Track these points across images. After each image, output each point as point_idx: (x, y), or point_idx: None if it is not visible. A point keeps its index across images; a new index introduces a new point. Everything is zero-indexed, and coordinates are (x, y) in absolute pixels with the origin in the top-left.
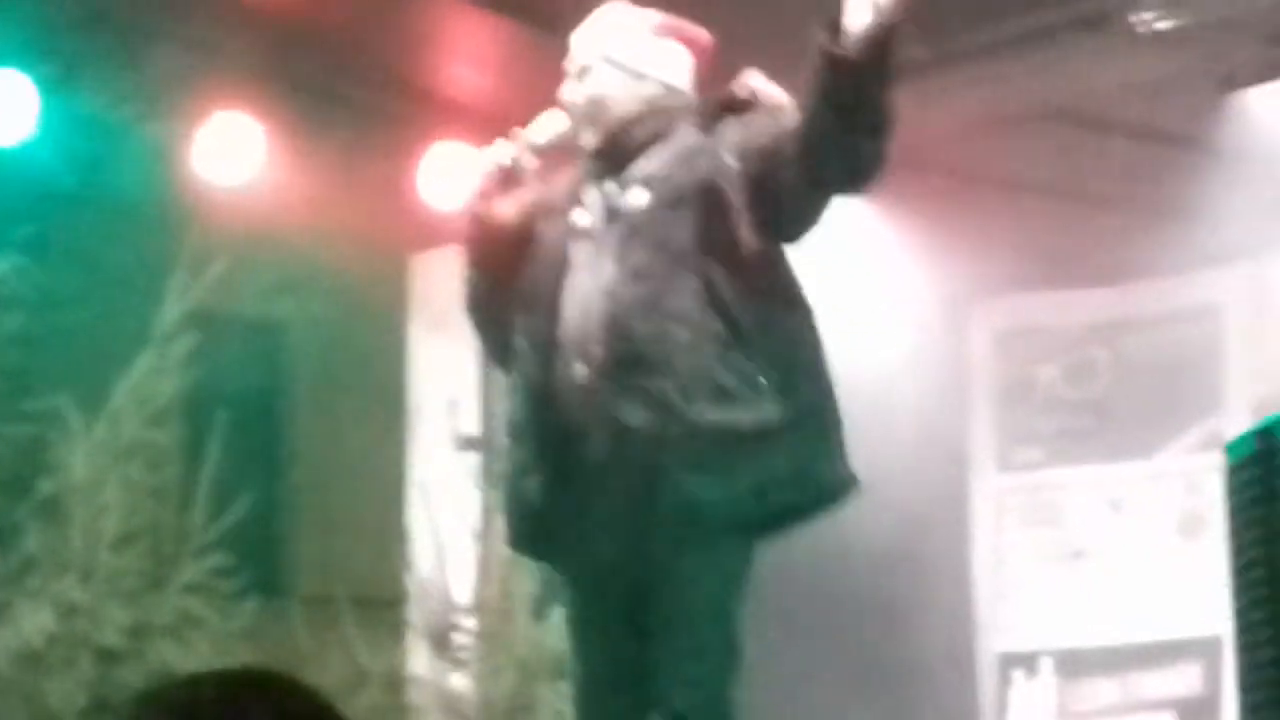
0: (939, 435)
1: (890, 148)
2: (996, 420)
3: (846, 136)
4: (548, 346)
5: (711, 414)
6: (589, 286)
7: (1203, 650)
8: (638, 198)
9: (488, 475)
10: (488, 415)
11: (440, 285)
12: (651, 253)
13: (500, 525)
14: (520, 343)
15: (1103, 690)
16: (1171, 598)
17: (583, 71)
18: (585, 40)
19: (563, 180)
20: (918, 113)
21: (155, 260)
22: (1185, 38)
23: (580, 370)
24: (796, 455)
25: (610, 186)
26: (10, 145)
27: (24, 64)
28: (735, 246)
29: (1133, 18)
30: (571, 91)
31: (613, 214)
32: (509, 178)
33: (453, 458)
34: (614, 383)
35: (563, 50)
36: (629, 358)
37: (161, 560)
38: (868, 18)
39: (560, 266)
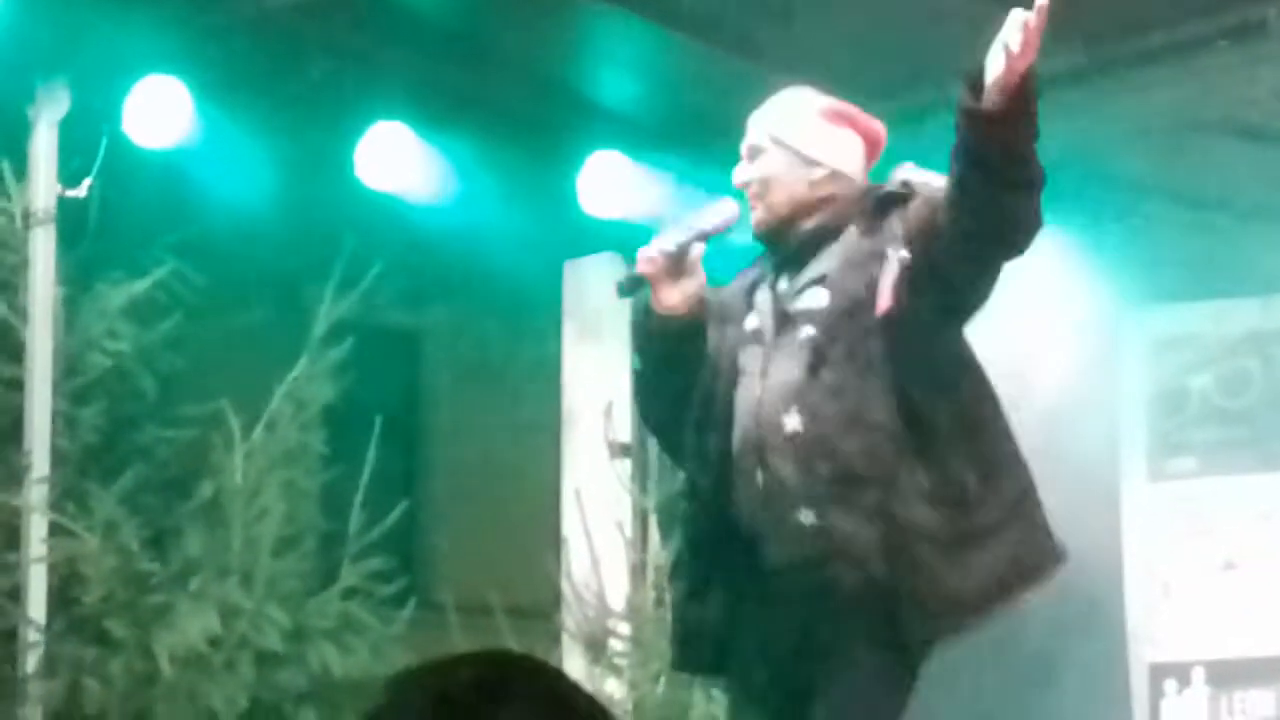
0: (1092, 444)
1: (1040, 201)
2: (1149, 429)
3: (996, 194)
4: (722, 458)
5: (931, 521)
6: (764, 393)
7: None
8: (816, 299)
9: (641, 481)
10: (640, 423)
11: (594, 291)
12: (841, 365)
13: (653, 530)
14: (692, 454)
15: (1256, 701)
16: None
17: (754, 152)
18: (759, 121)
19: (739, 288)
20: (1070, 121)
21: (312, 266)
22: None
23: (762, 479)
24: (1013, 546)
25: (783, 287)
26: (167, 148)
27: (180, 70)
28: (915, 344)
29: None
30: (743, 172)
31: (785, 317)
32: (677, 264)
33: (606, 464)
34: (822, 498)
35: (721, 62)
36: (839, 474)
37: (321, 564)
38: (1001, 66)
39: (732, 374)
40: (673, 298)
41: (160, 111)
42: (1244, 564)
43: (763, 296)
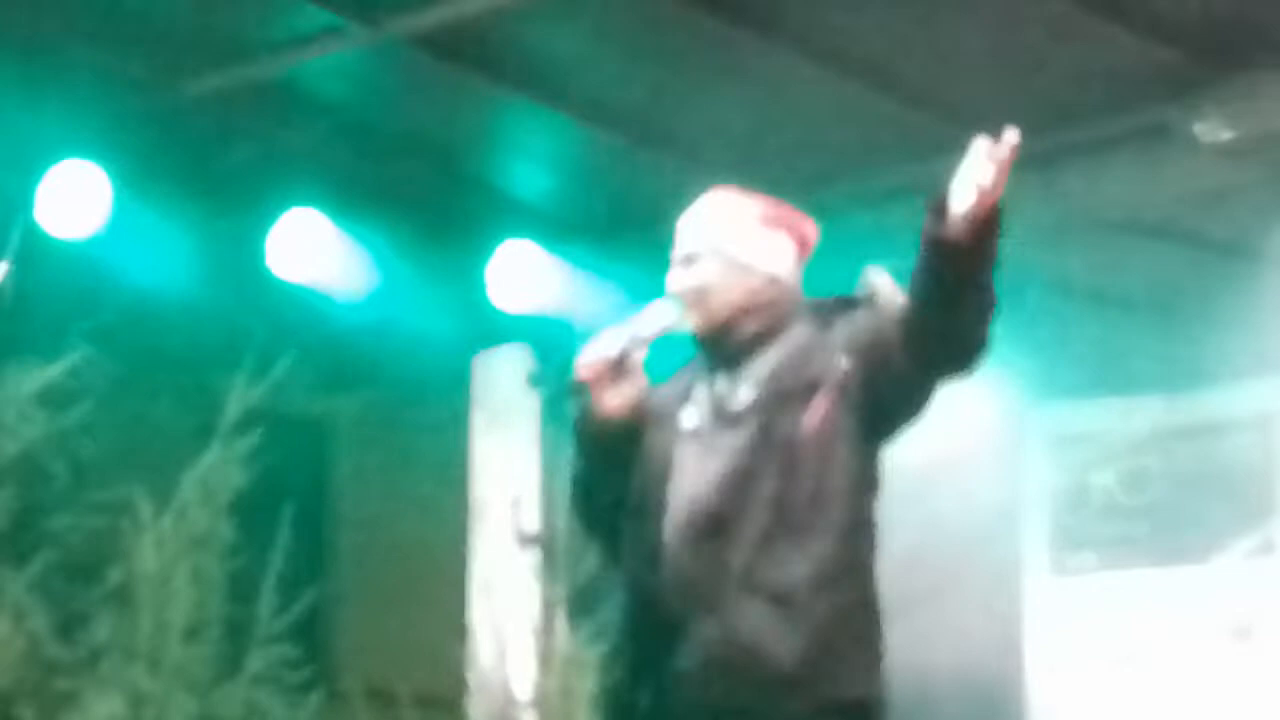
0: (993, 539)
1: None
2: (1051, 525)
3: (954, 319)
4: (654, 550)
5: (765, 586)
6: (695, 486)
7: None
8: (747, 395)
9: (550, 571)
10: (549, 513)
11: (503, 382)
12: (750, 438)
13: (560, 621)
14: (627, 548)
15: None
16: (1226, 704)
17: (689, 259)
18: (692, 228)
19: (676, 385)
20: None
21: (224, 355)
22: (1247, 149)
23: (689, 568)
24: (829, 645)
25: (721, 386)
26: (83, 237)
27: (96, 155)
28: (827, 443)
29: (1196, 128)
30: (677, 280)
31: (721, 413)
32: (617, 369)
33: (515, 554)
34: (688, 549)
35: (633, 154)
36: (709, 530)
37: (229, 651)
38: (972, 198)
39: (666, 469)
40: (613, 402)
41: (75, 197)
42: (1145, 659)
43: (700, 395)
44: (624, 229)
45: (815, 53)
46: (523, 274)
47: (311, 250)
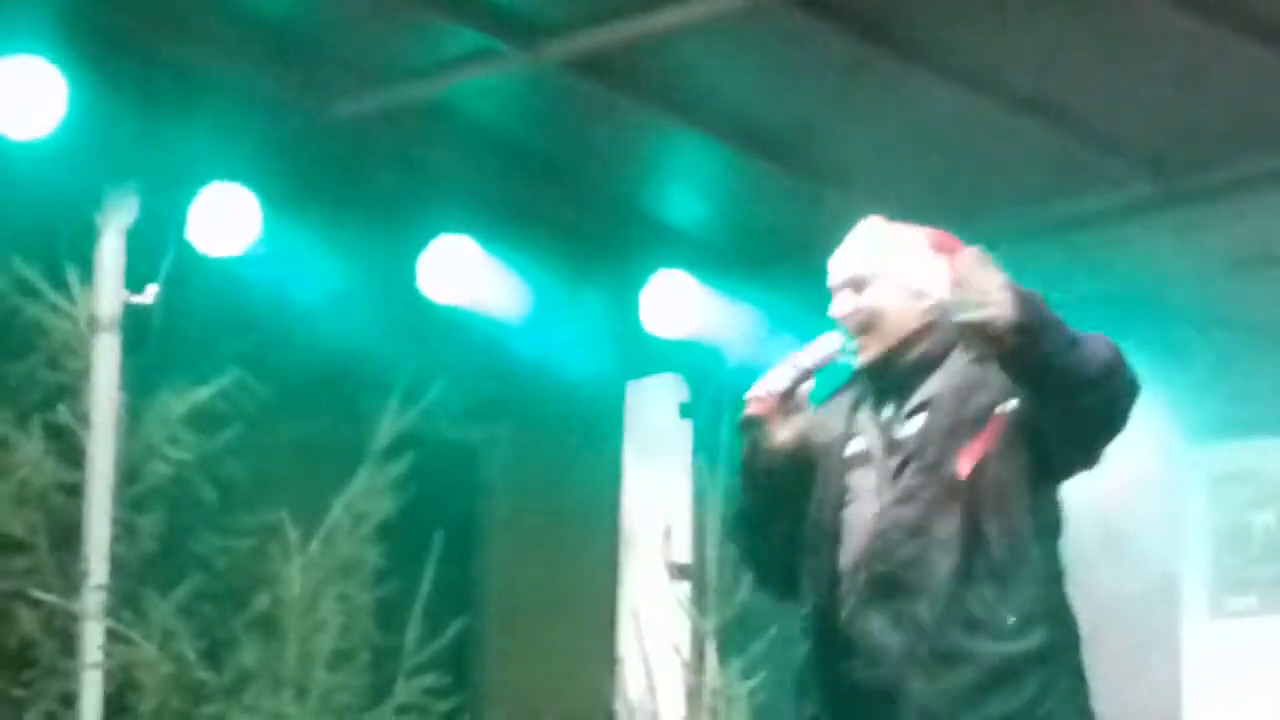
0: (1153, 580)
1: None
2: (1211, 566)
3: (1055, 407)
4: (831, 583)
5: (963, 642)
6: (881, 515)
7: None
8: (915, 424)
9: (700, 603)
10: (699, 544)
11: (656, 412)
12: (923, 477)
13: (710, 653)
14: (805, 583)
15: None
16: None
17: (857, 284)
18: (858, 253)
19: (837, 409)
20: (1143, 251)
21: (374, 378)
22: None
23: (851, 594)
24: (1037, 693)
25: (888, 412)
26: (232, 255)
27: (247, 177)
28: (1002, 483)
29: None
30: (846, 304)
31: (893, 444)
32: (787, 401)
33: (665, 585)
34: (872, 603)
35: (787, 183)
36: (888, 578)
37: (375, 679)
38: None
39: (840, 498)
40: (783, 434)
41: (226, 219)
42: None
43: (865, 419)
44: (776, 258)
45: (979, 85)
46: (676, 302)
47: (463, 275)
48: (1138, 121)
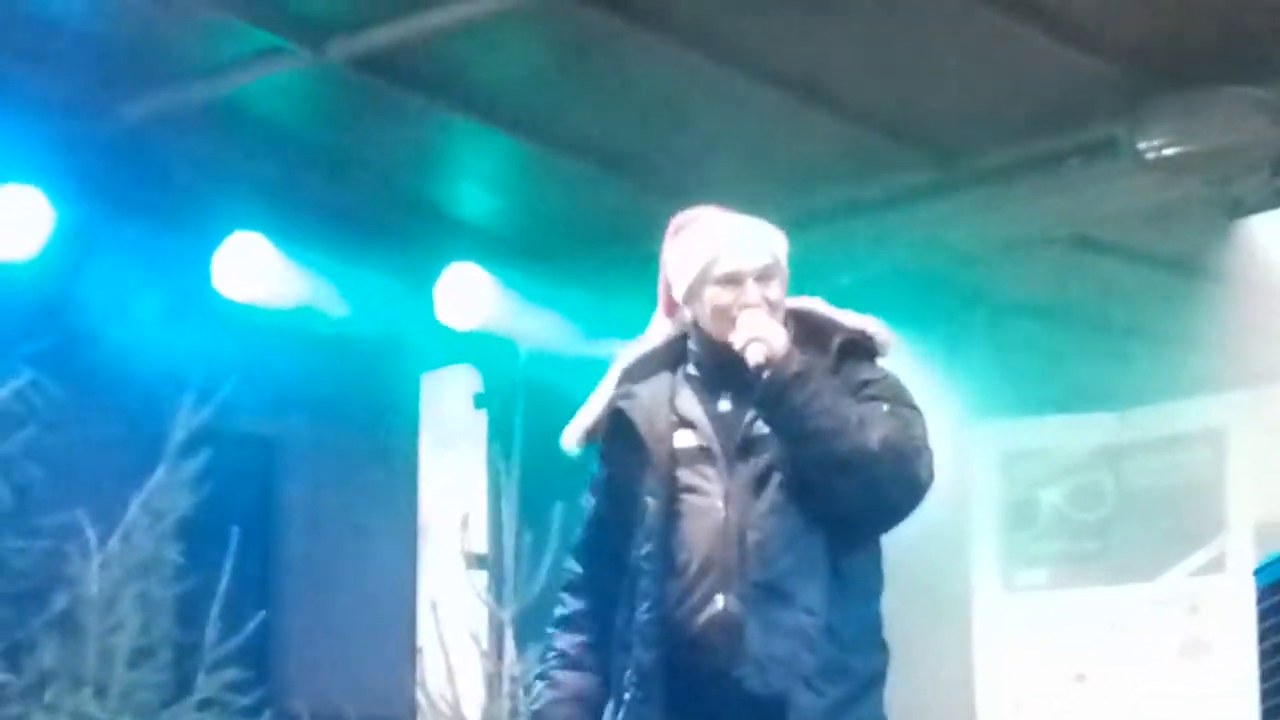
0: (943, 557)
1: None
2: (1000, 543)
3: (815, 469)
4: (680, 586)
5: (841, 657)
6: (724, 515)
7: None
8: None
9: (497, 592)
10: (496, 533)
11: (451, 402)
12: (791, 489)
13: (508, 642)
14: (641, 583)
15: None
16: (1175, 718)
17: (765, 275)
18: (764, 247)
19: (656, 395)
20: (926, 234)
21: (169, 377)
22: (1192, 165)
23: (721, 600)
24: (876, 712)
25: (724, 405)
26: (23, 259)
27: (39, 180)
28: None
29: (1141, 144)
30: (753, 294)
31: (749, 443)
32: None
33: (462, 574)
34: (754, 611)
35: (576, 174)
36: (770, 588)
37: (176, 675)
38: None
39: (674, 494)
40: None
41: (18, 221)
42: (1095, 676)
43: (696, 412)
44: (568, 250)
45: (761, 73)
46: (468, 295)
47: (257, 272)
48: (932, 109)
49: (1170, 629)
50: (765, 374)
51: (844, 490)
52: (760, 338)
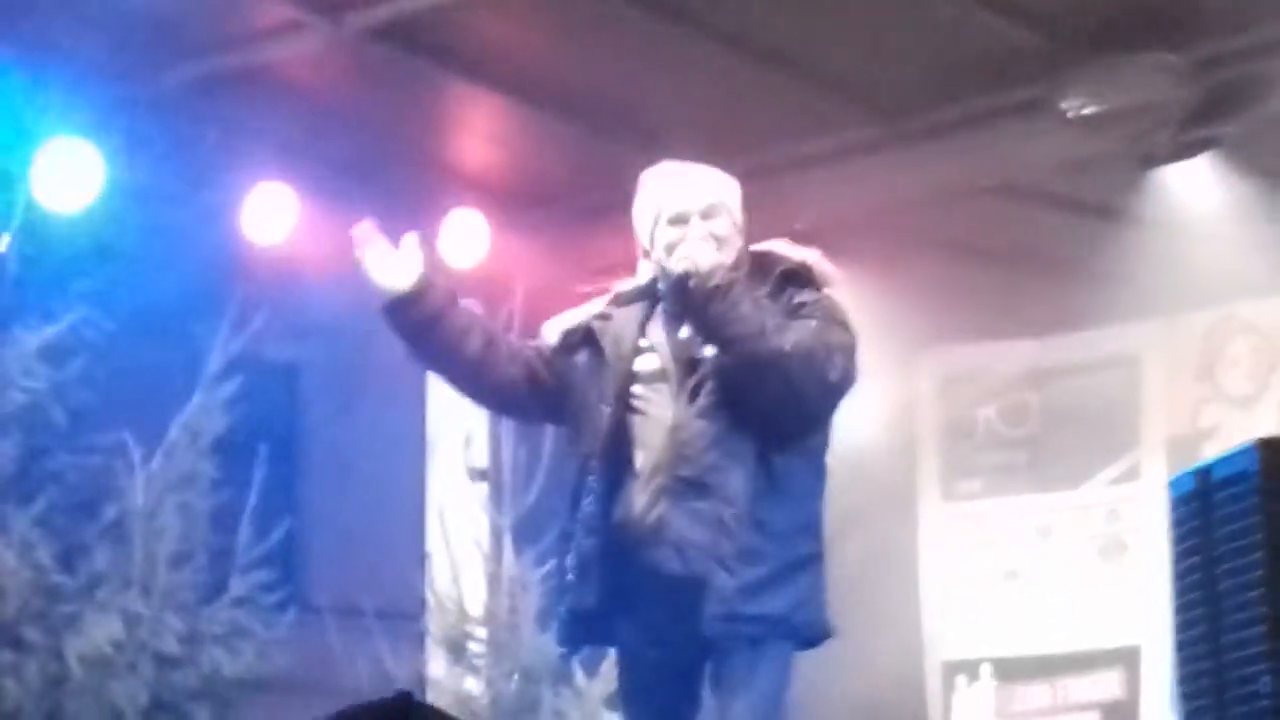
0: (890, 470)
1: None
2: (941, 456)
3: (736, 370)
4: (626, 482)
5: (757, 543)
6: (674, 427)
7: (1123, 659)
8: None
9: (497, 502)
10: (495, 450)
11: None
12: (718, 396)
13: (507, 546)
14: (592, 480)
15: (1035, 694)
16: (1095, 613)
17: (709, 213)
18: (707, 186)
19: (628, 320)
20: (871, 185)
21: (204, 311)
22: (1109, 121)
23: (651, 494)
24: (805, 594)
25: (685, 335)
26: (78, 209)
27: (92, 135)
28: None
29: (1063, 104)
30: (699, 229)
31: (693, 363)
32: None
33: (466, 487)
34: (677, 502)
35: (561, 131)
36: (693, 482)
37: (212, 577)
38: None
39: (627, 405)
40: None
41: (69, 172)
42: (1024, 573)
43: (659, 339)
44: (556, 197)
45: (716, 35)
46: (469, 238)
47: (280, 217)
48: (871, 71)
49: (1091, 532)
50: (690, 283)
51: (762, 389)
52: (687, 256)
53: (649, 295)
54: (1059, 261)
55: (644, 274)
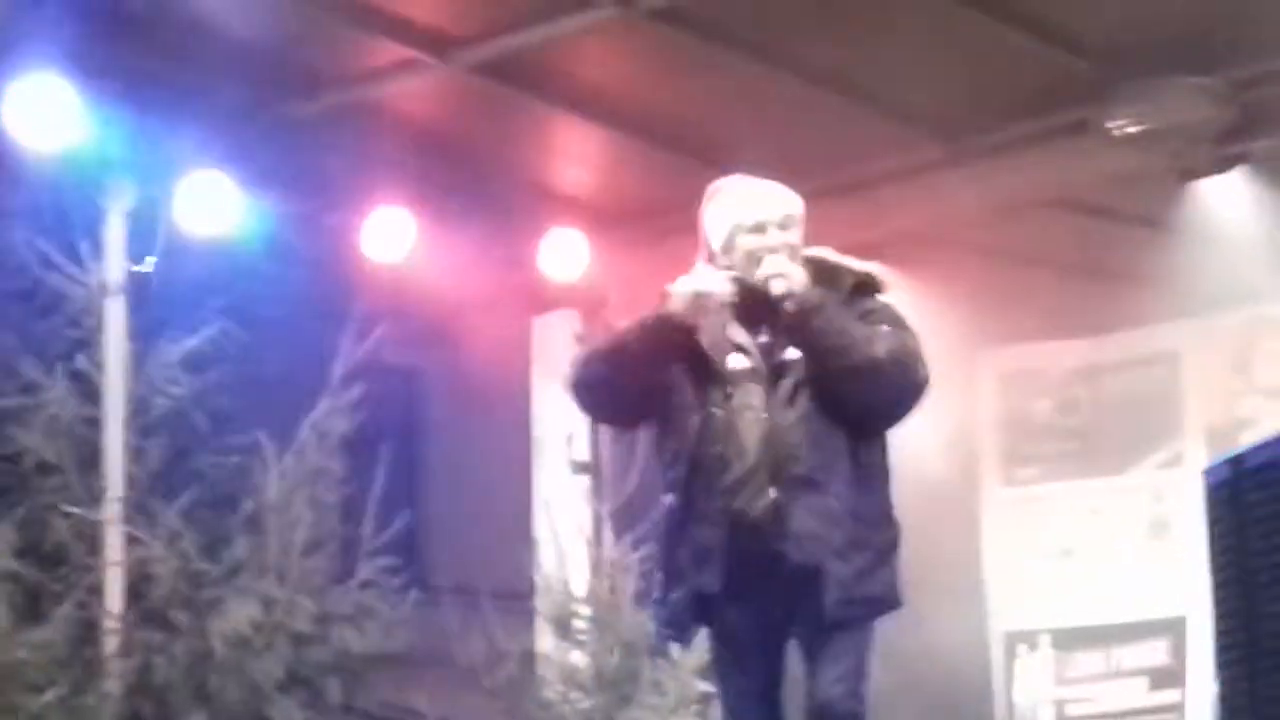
0: (955, 459)
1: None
2: (1000, 446)
3: (834, 379)
4: (735, 478)
5: (861, 531)
6: (772, 428)
7: (1169, 629)
8: (795, 354)
9: (598, 492)
10: (596, 445)
11: (556, 339)
12: (813, 401)
13: (607, 532)
14: (702, 475)
15: (1091, 661)
16: (1144, 586)
17: (786, 224)
18: (782, 198)
19: (715, 323)
20: (933, 201)
21: (330, 322)
22: (1150, 140)
23: (771, 492)
24: (896, 575)
25: (764, 338)
26: (214, 233)
27: (228, 166)
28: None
29: (1108, 124)
30: (776, 238)
31: (781, 366)
32: (699, 302)
33: (569, 480)
34: (792, 498)
35: (648, 155)
36: (804, 479)
37: (341, 563)
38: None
39: (728, 404)
40: (685, 328)
41: (206, 200)
42: (1078, 551)
43: (745, 340)
44: (643, 218)
45: (790, 67)
46: (568, 254)
47: (398, 238)
48: (933, 97)
49: (1138, 513)
50: (788, 303)
51: (858, 394)
52: (782, 274)
53: (735, 300)
54: (1106, 268)
55: (705, 276)
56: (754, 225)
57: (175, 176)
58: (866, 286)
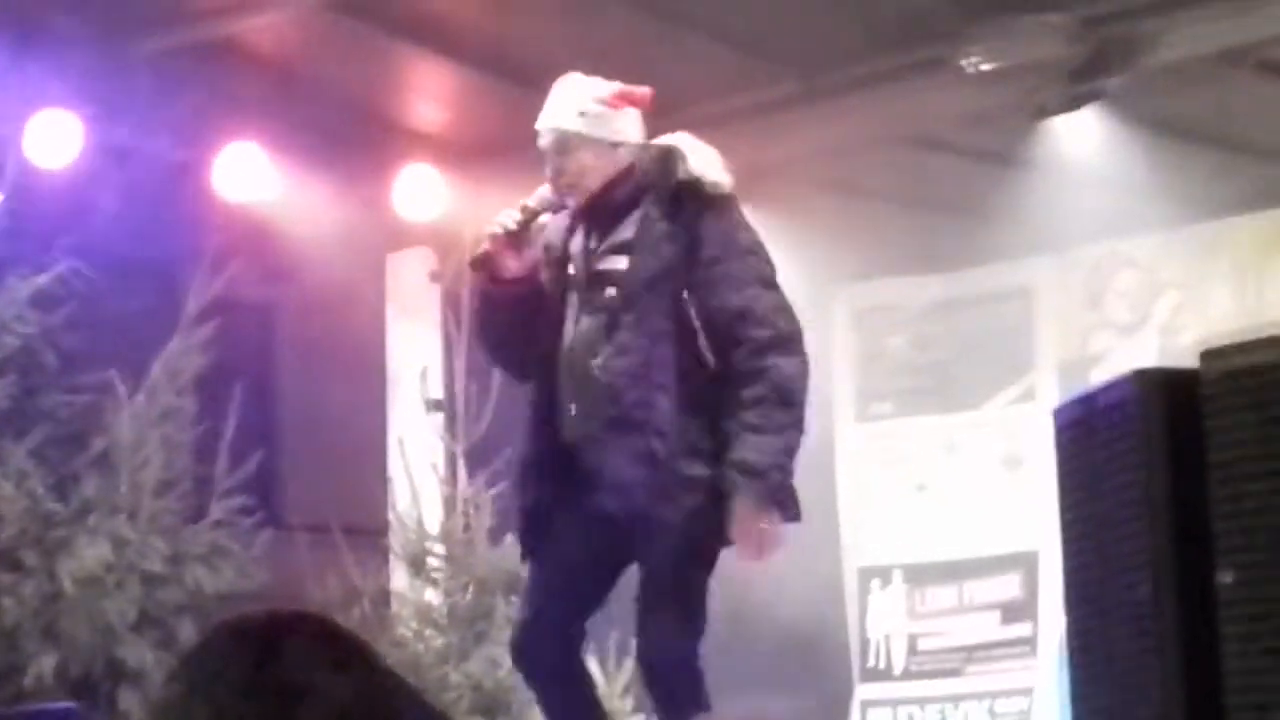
0: (810, 393)
1: None
2: (855, 381)
3: None
4: (559, 418)
5: (691, 469)
6: (574, 340)
7: (1021, 563)
8: (618, 263)
9: (451, 430)
10: (449, 383)
11: (410, 277)
12: (633, 331)
13: (461, 470)
14: (534, 377)
15: (943, 595)
16: (997, 521)
17: (562, 146)
18: (560, 115)
19: (556, 230)
20: (791, 136)
21: (182, 260)
22: (1004, 77)
23: (573, 409)
24: (718, 508)
25: (592, 245)
26: (58, 169)
27: (76, 102)
28: (694, 331)
29: (962, 61)
30: (556, 163)
31: (594, 275)
32: (514, 239)
33: (423, 417)
34: (605, 440)
35: (503, 91)
36: (619, 420)
37: (194, 502)
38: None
39: (560, 310)
40: (513, 265)
41: (57, 137)
42: (932, 486)
43: (577, 248)
44: (499, 151)
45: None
46: (422, 190)
47: (251, 175)
48: (789, 31)
49: (991, 448)
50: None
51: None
52: (490, 232)
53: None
54: (960, 204)
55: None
56: (541, 149)
57: (25, 113)
58: (691, 191)
